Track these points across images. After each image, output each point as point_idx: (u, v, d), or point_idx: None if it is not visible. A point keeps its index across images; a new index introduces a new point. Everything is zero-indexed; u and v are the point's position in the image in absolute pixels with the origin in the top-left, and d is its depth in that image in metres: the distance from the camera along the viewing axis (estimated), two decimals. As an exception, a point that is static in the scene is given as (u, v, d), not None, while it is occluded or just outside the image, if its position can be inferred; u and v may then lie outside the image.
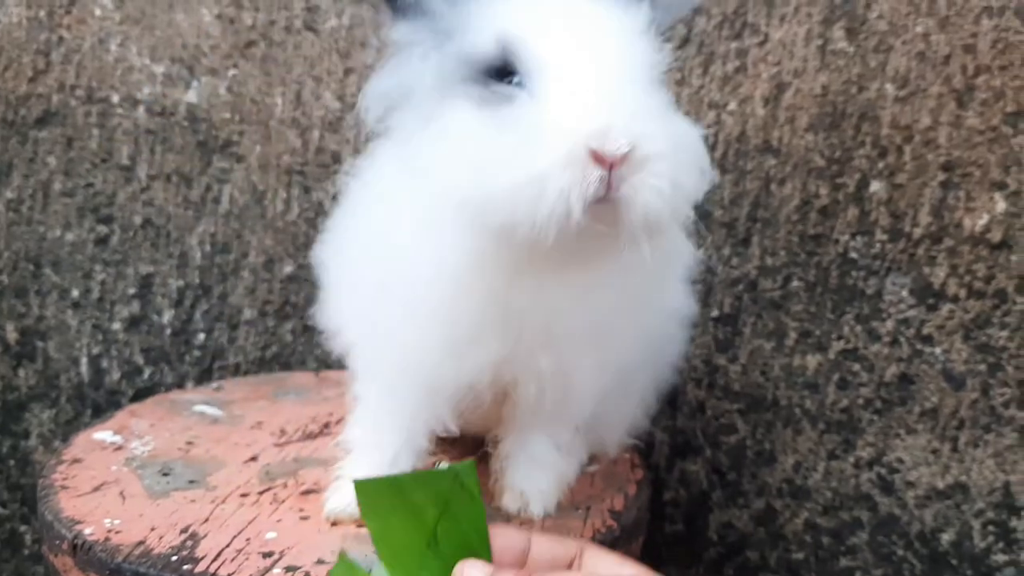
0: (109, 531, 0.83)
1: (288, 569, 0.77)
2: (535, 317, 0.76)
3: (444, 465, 0.66)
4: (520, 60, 0.69)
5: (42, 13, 1.36)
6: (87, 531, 0.83)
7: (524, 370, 0.80)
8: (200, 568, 0.77)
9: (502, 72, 0.70)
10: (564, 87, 0.67)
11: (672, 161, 0.67)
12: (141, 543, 0.81)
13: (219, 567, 0.77)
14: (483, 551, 0.65)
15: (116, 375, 1.46)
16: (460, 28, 0.73)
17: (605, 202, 0.66)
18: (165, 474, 0.96)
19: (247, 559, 0.78)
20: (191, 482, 0.94)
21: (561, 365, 0.79)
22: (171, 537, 0.82)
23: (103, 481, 0.94)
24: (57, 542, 0.84)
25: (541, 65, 0.68)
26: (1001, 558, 1.25)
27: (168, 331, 1.44)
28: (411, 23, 0.76)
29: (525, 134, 0.66)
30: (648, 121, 0.67)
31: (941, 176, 1.21)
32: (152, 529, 0.84)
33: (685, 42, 1.26)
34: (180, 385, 1.45)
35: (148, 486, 0.93)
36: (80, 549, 0.81)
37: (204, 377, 1.45)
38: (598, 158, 0.65)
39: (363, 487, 0.64)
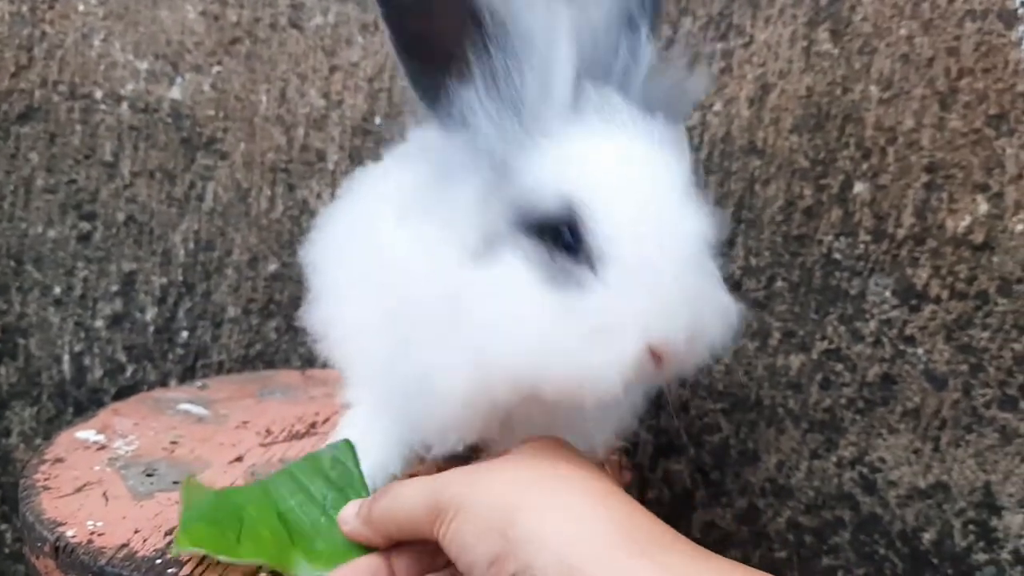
0: (92, 533, 0.82)
1: (274, 573, 0.76)
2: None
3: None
4: (591, 233, 0.67)
5: (24, 8, 1.35)
6: (69, 533, 0.82)
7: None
8: (185, 572, 0.76)
9: (561, 231, 0.68)
10: (639, 280, 0.66)
11: (717, 339, 0.70)
12: (125, 546, 0.80)
13: (204, 571, 0.76)
14: None
15: (98, 373, 1.45)
16: (515, 164, 0.70)
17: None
18: (149, 475, 0.95)
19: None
20: (175, 483, 0.93)
21: None
22: (155, 540, 0.81)
23: (86, 481, 0.93)
24: (39, 544, 0.83)
25: (615, 246, 0.66)
26: (982, 557, 1.26)
27: (151, 329, 1.43)
28: (452, 134, 0.73)
29: (591, 327, 0.66)
30: (706, 311, 0.68)
31: (924, 178, 1.22)
32: (136, 531, 0.83)
33: (671, 43, 1.26)
34: (163, 383, 1.44)
35: (132, 487, 0.93)
36: (62, 551, 0.80)
37: (187, 375, 1.44)
38: (658, 356, 0.66)
39: (265, 483, 0.83)
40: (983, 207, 1.20)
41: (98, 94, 1.37)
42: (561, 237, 0.68)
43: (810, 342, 1.29)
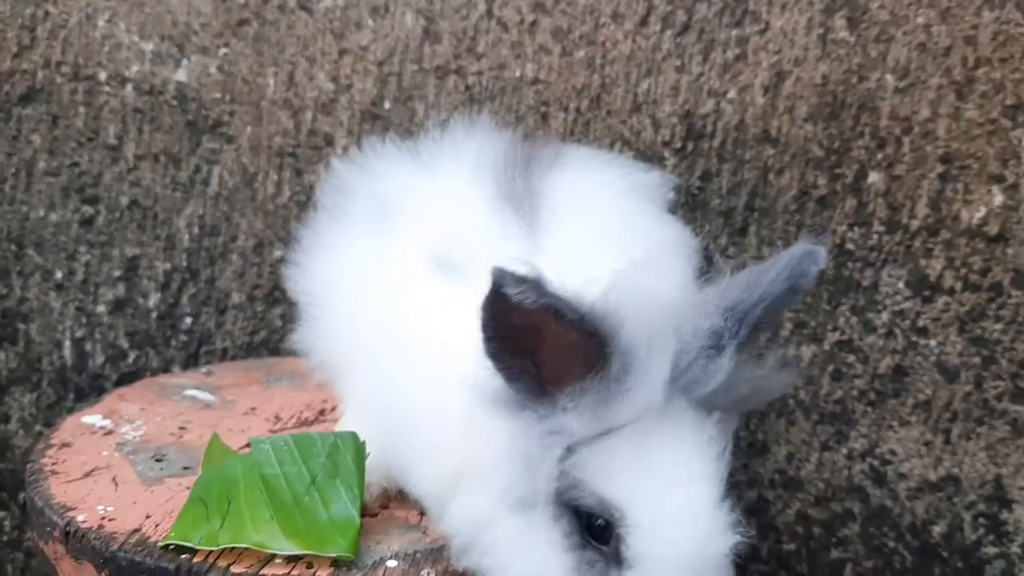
0: (103, 518, 0.81)
1: (290, 560, 0.75)
2: None
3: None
4: (624, 541, 0.70)
5: (27, -13, 1.33)
6: (80, 518, 0.81)
7: None
8: (198, 558, 0.75)
9: (596, 521, 0.72)
10: None
11: None
12: (136, 531, 0.79)
13: (216, 557, 0.75)
14: (353, 505, 0.79)
15: (100, 359, 1.43)
16: (577, 454, 0.71)
17: None
18: (158, 460, 0.94)
19: (246, 548, 0.76)
20: (185, 468, 0.92)
21: None
22: (167, 525, 0.80)
23: (94, 466, 0.92)
24: (48, 529, 0.82)
25: (641, 557, 0.70)
26: (991, 550, 1.26)
27: (154, 315, 1.41)
28: (539, 424, 0.73)
29: None
30: None
31: (939, 168, 1.21)
32: (147, 516, 0.82)
33: (685, 28, 1.24)
34: (166, 370, 1.42)
35: (141, 472, 0.91)
36: (73, 536, 0.79)
37: (190, 362, 1.42)
38: None
39: (259, 441, 0.84)
40: (998, 198, 1.20)
41: (102, 76, 1.35)
42: (597, 527, 0.72)
43: (822, 333, 1.28)
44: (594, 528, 0.72)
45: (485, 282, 0.64)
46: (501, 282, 0.63)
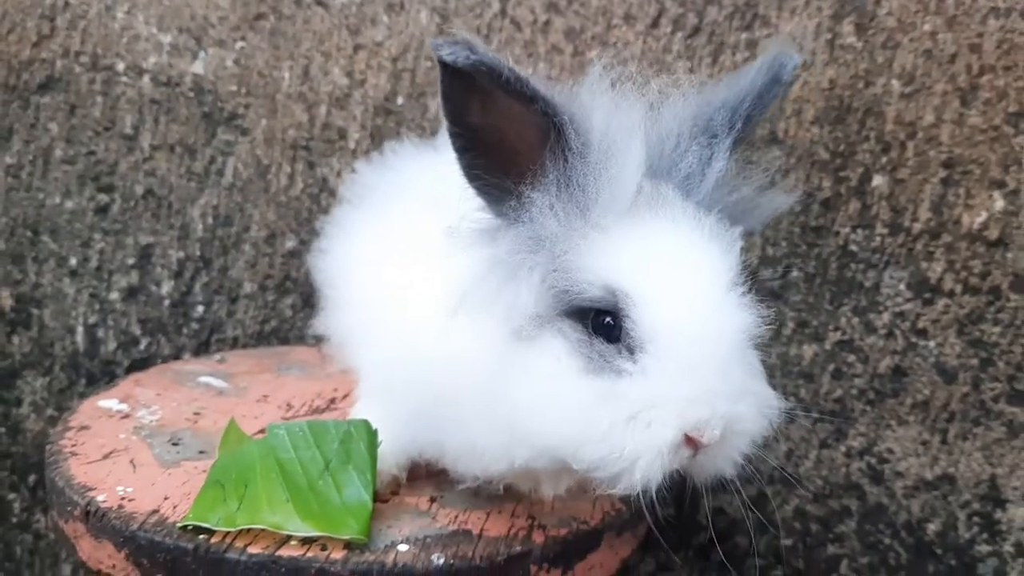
0: (122, 499, 0.83)
1: (304, 541, 0.78)
2: None
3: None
4: (632, 322, 0.70)
5: (48, -23, 1.35)
6: (100, 498, 0.83)
7: None
8: (215, 539, 0.77)
9: (605, 318, 0.71)
10: (675, 370, 0.68)
11: (754, 434, 0.73)
12: (155, 511, 0.81)
13: (234, 538, 0.77)
14: (366, 490, 0.81)
15: (112, 345, 1.45)
16: (572, 256, 0.72)
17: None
18: (175, 444, 0.96)
19: (262, 530, 0.78)
20: (201, 452, 0.95)
21: None
22: (185, 506, 0.82)
23: (113, 448, 0.94)
24: (69, 508, 0.84)
25: (654, 336, 0.69)
26: (985, 549, 1.28)
27: (167, 302, 1.44)
28: (513, 227, 0.74)
29: (627, 411, 0.69)
30: (743, 403, 0.71)
31: (942, 173, 1.23)
32: (166, 498, 0.84)
33: (696, 31, 1.27)
34: (177, 357, 1.44)
35: (158, 455, 0.93)
36: (93, 516, 0.81)
37: (202, 350, 1.45)
38: (692, 443, 0.69)
39: (276, 427, 0.86)
40: (999, 203, 1.22)
41: (120, 66, 1.37)
42: (603, 324, 0.71)
43: (823, 332, 1.30)
44: (601, 328, 0.71)
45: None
46: (439, 48, 0.66)
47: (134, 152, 1.39)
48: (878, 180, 1.25)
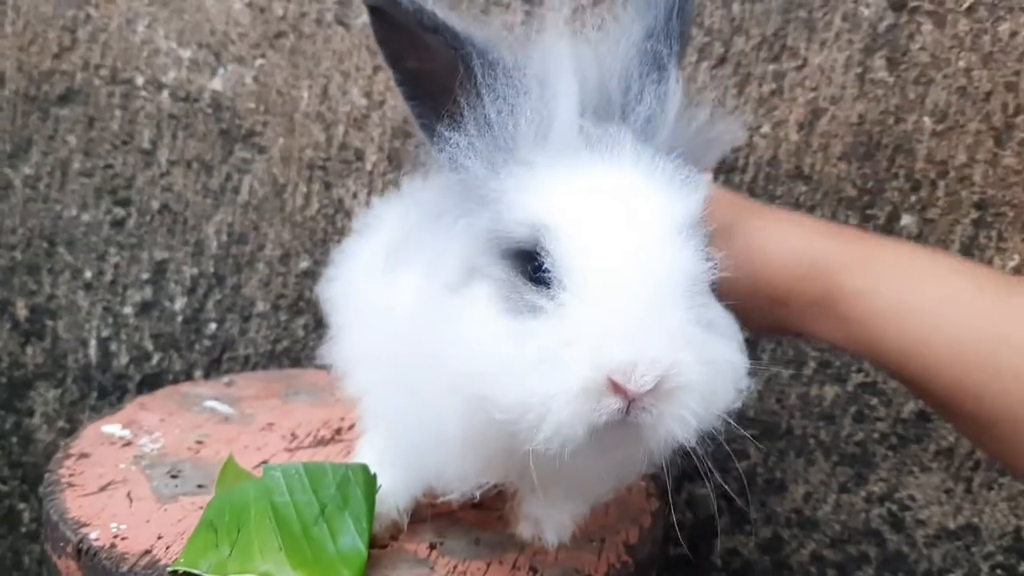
0: (115, 536, 0.82)
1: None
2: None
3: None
4: (552, 258, 0.64)
5: (70, -10, 1.34)
6: (93, 535, 0.81)
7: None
8: (205, 583, 0.75)
9: (532, 260, 0.66)
10: (595, 306, 0.62)
11: (703, 390, 0.64)
12: (147, 552, 0.80)
13: (225, 583, 0.76)
14: (361, 537, 0.79)
15: (124, 359, 1.44)
16: (497, 196, 0.68)
17: (622, 425, 0.63)
18: (174, 476, 0.95)
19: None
20: (199, 486, 0.93)
21: None
22: (178, 547, 0.80)
23: (111, 480, 0.93)
24: (62, 544, 0.83)
25: (574, 271, 0.63)
26: (1007, 603, 1.24)
27: (179, 318, 1.43)
28: (445, 175, 0.72)
29: (545, 352, 0.62)
30: (682, 350, 0.62)
31: (974, 214, 1.19)
32: (159, 537, 0.82)
33: (722, 61, 1.23)
34: (188, 374, 1.43)
35: (156, 488, 0.92)
36: (85, 555, 0.80)
37: (213, 367, 1.43)
38: (619, 390, 0.61)
39: (271, 468, 0.84)
40: (1033, 248, 1.18)
41: (139, 80, 1.36)
42: (530, 265, 0.66)
43: (846, 374, 1.26)
44: (528, 269, 0.66)
45: None
46: None
47: (151, 167, 1.38)
48: (907, 219, 1.21)
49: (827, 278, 0.83)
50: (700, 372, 0.63)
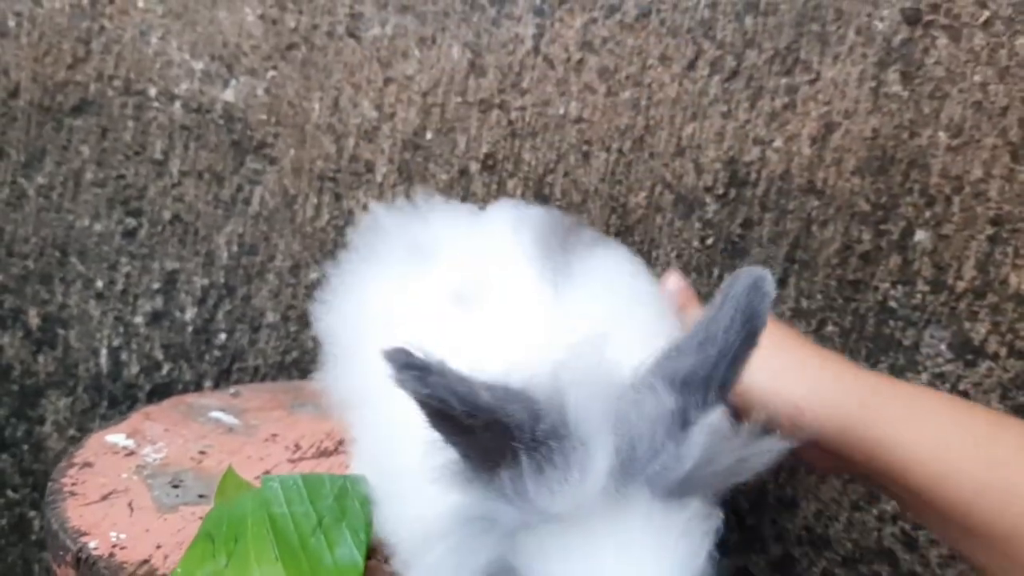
0: (114, 546, 0.81)
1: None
2: None
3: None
4: None
5: (85, 1, 1.35)
6: (92, 544, 0.81)
7: None
8: (202, 596, 0.75)
9: None
10: None
11: None
12: (146, 562, 0.79)
13: (221, 596, 0.75)
14: (359, 549, 0.78)
15: (135, 369, 1.45)
16: (513, 550, 0.65)
17: None
18: (175, 486, 0.94)
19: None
20: (201, 496, 0.92)
21: None
22: (176, 557, 0.80)
23: (112, 489, 0.92)
24: (61, 553, 0.82)
25: None
26: (1023, 627, 1.21)
27: (190, 329, 1.43)
28: (476, 503, 0.68)
29: None
30: None
31: (989, 230, 1.18)
32: (158, 547, 0.82)
33: (734, 74, 1.22)
34: (198, 384, 1.43)
35: (157, 498, 0.91)
36: (84, 563, 0.80)
37: (223, 378, 1.43)
38: None
39: (270, 479, 0.85)
40: (1050, 264, 1.16)
41: (152, 91, 1.37)
42: None
43: (858, 391, 1.24)
44: None
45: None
46: (390, 365, 0.59)
47: (163, 177, 1.39)
48: (921, 235, 1.20)
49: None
50: None
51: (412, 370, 0.59)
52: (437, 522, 0.68)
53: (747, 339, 0.67)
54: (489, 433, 0.63)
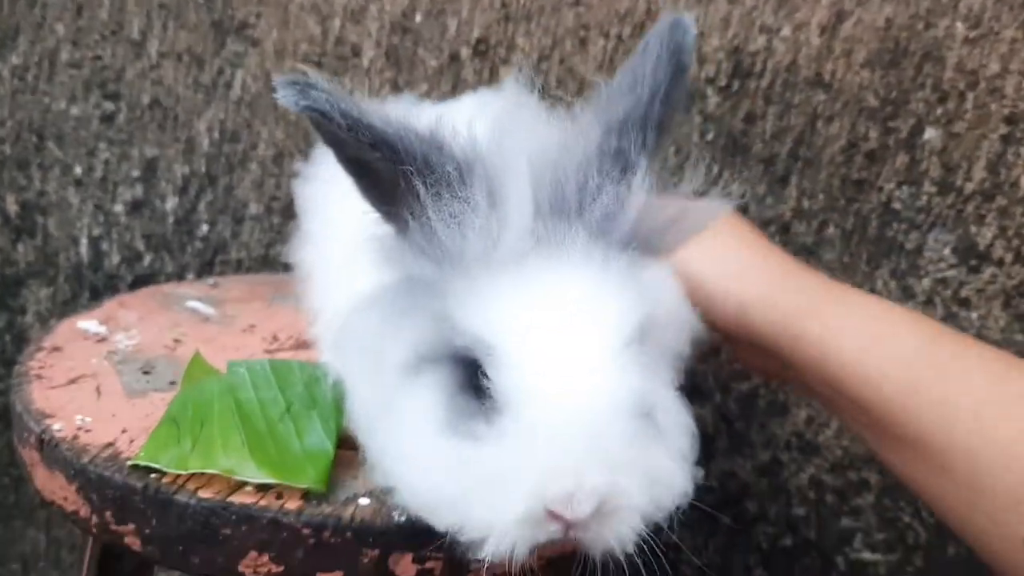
0: (79, 429, 0.79)
1: (259, 488, 0.72)
2: None
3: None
4: (492, 380, 0.62)
5: None
6: (56, 427, 0.79)
7: None
8: (167, 480, 0.72)
9: (477, 369, 0.63)
10: (533, 435, 0.60)
11: (644, 507, 0.61)
12: (110, 444, 0.77)
13: (186, 481, 0.72)
14: (329, 437, 0.76)
15: (116, 259, 1.41)
16: (444, 303, 0.65)
17: (564, 538, 0.61)
18: (146, 372, 0.91)
19: (215, 474, 0.73)
20: (172, 383, 0.90)
21: None
22: (141, 441, 0.77)
23: (80, 374, 0.89)
24: (25, 435, 0.80)
25: (513, 395, 0.61)
26: (1011, 535, 1.20)
27: (171, 219, 1.39)
28: (400, 264, 0.69)
29: (484, 478, 0.61)
30: (623, 474, 0.60)
31: (1003, 129, 1.13)
32: (124, 431, 0.79)
33: (742, -43, 1.16)
34: (180, 276, 1.40)
35: (127, 383, 0.89)
36: (47, 445, 0.77)
37: (205, 270, 1.40)
38: (558, 518, 0.59)
39: (236, 364, 0.82)
40: (1064, 167, 1.11)
41: (129, -34, 1.30)
42: (472, 379, 0.63)
43: (856, 295, 1.21)
44: (471, 384, 0.64)
45: None
46: (276, 88, 0.61)
47: (141, 58, 1.33)
48: (931, 133, 1.15)
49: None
50: (641, 492, 0.61)
51: (296, 85, 0.60)
52: (369, 293, 0.69)
53: (676, 74, 0.68)
54: (384, 164, 0.63)
